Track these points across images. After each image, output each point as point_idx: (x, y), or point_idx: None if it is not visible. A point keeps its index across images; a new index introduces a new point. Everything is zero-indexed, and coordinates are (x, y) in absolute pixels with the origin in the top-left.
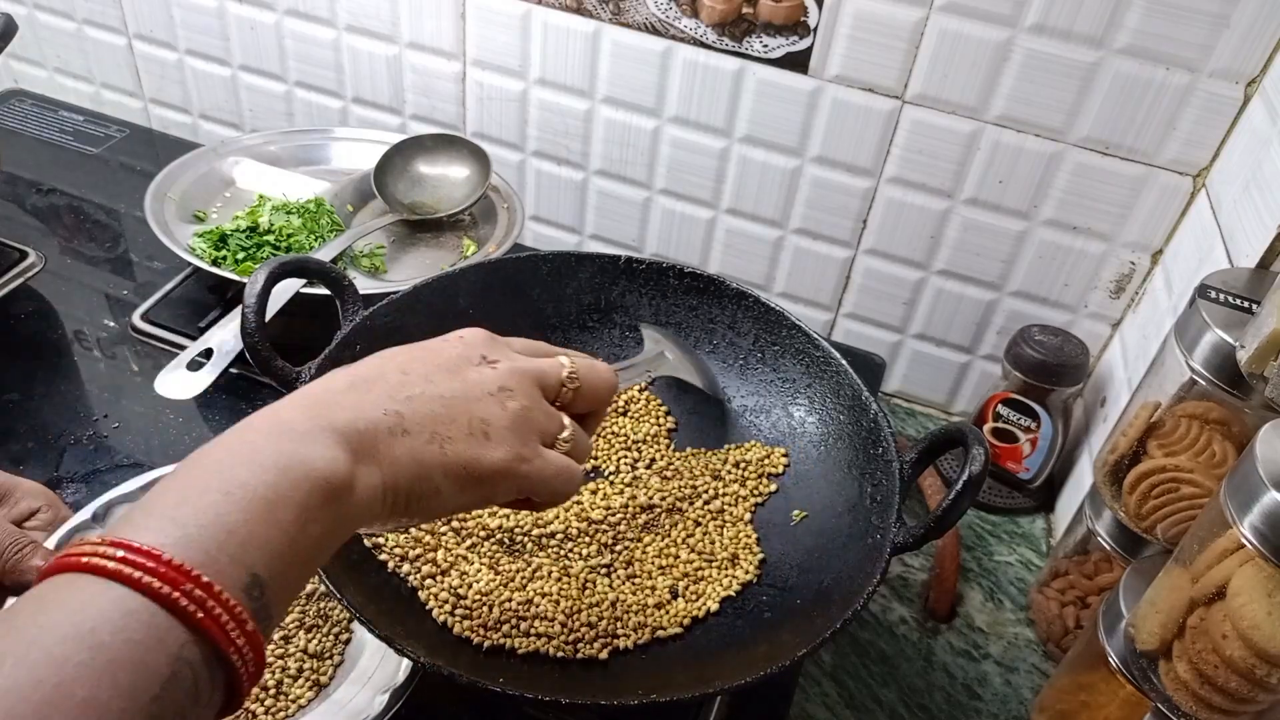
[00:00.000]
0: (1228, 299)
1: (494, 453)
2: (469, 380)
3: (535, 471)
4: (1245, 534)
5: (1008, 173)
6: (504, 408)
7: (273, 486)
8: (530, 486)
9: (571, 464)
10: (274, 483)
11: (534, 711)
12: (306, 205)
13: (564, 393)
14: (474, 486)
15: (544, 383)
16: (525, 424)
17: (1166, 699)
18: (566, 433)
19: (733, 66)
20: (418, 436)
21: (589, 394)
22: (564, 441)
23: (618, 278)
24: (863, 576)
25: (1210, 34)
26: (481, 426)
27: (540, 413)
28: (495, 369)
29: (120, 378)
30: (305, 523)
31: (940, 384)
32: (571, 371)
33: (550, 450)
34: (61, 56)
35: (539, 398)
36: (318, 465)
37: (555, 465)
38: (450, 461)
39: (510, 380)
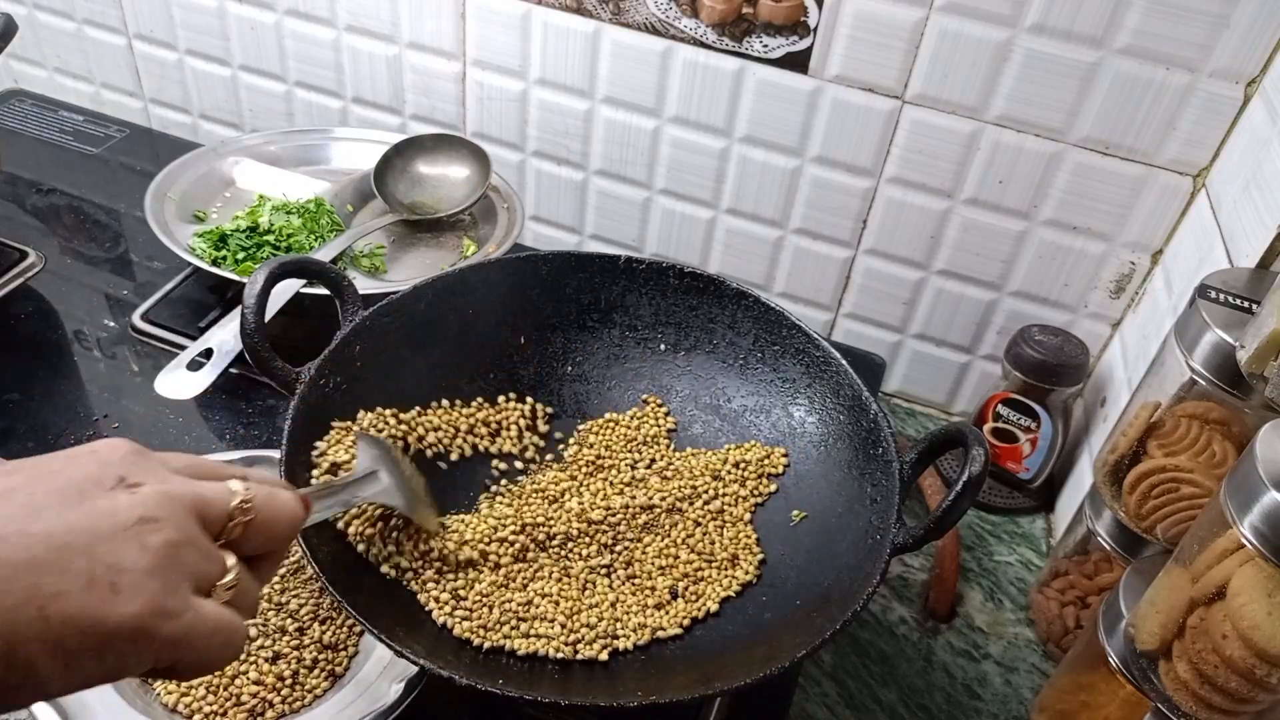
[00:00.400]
0: (1228, 299)
1: (125, 607)
2: (96, 510)
3: (181, 631)
4: (1245, 534)
5: (1008, 173)
6: (143, 546)
7: None
8: (178, 649)
9: (233, 619)
10: None
11: (534, 712)
12: (306, 205)
13: (231, 527)
14: (91, 657)
15: (204, 512)
16: (173, 566)
17: (1166, 699)
18: (230, 576)
19: (733, 66)
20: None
21: (264, 529)
22: (224, 589)
23: (618, 278)
24: (863, 577)
25: (1210, 34)
26: (109, 574)
27: (195, 551)
28: (136, 494)
29: (120, 378)
30: None
31: (940, 384)
32: (245, 500)
33: (205, 601)
34: (61, 56)
35: (195, 532)
36: None
37: (211, 621)
38: (55, 627)
39: (157, 508)
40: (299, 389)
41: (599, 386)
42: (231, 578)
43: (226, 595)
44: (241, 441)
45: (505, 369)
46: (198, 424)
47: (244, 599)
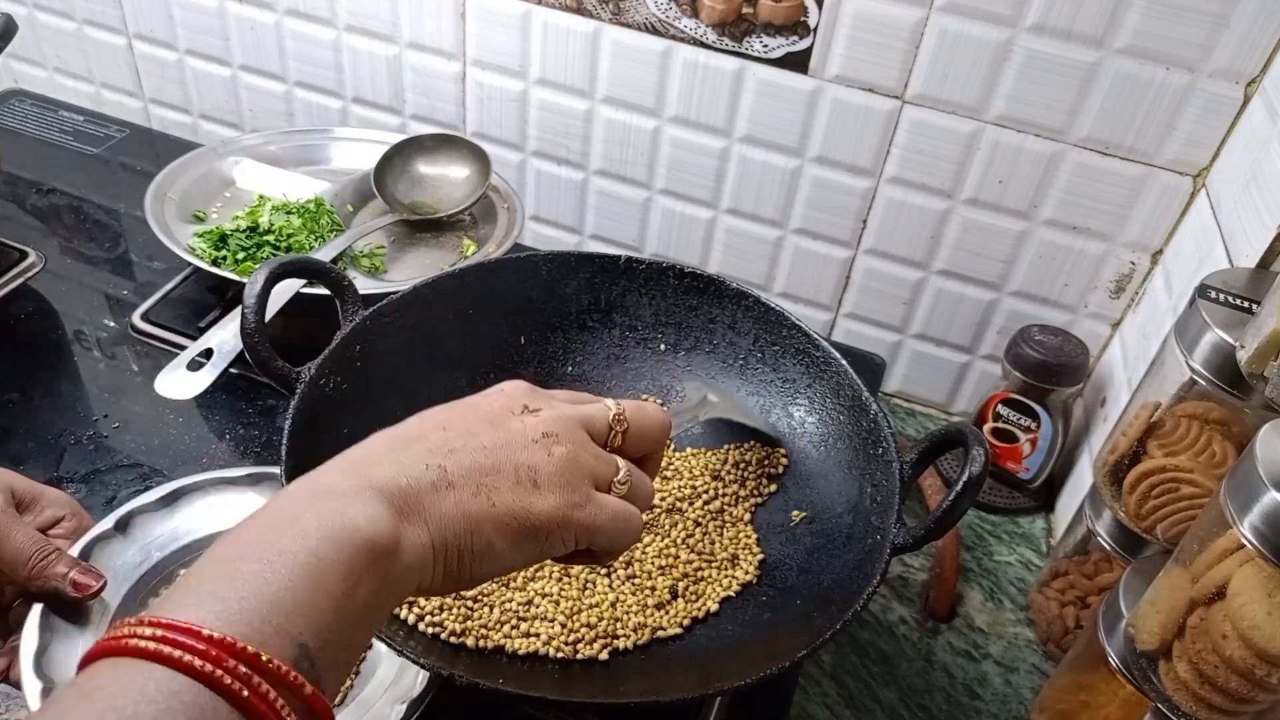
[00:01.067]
0: (1228, 299)
1: (544, 500)
2: (512, 430)
3: (589, 517)
4: (1245, 534)
5: (1008, 173)
6: (550, 454)
7: (314, 551)
8: (587, 533)
9: (629, 507)
10: (315, 547)
11: (534, 711)
12: (306, 205)
13: (613, 436)
14: (528, 538)
15: (591, 426)
16: (574, 469)
17: (1166, 699)
18: (621, 474)
19: (733, 66)
20: (463, 490)
21: (639, 435)
22: (620, 485)
23: (618, 278)
24: (863, 577)
25: (1210, 34)
26: (529, 474)
27: (590, 456)
28: (538, 416)
29: (120, 378)
30: (353, 587)
31: (940, 384)
32: (618, 413)
33: (606, 495)
34: (61, 56)
35: (587, 441)
36: (361, 525)
37: (610, 509)
38: (500, 513)
39: (555, 426)
40: (299, 389)
41: (599, 386)
42: (623, 474)
43: (622, 489)
44: (241, 441)
45: (505, 369)
46: (198, 424)
47: (637, 492)
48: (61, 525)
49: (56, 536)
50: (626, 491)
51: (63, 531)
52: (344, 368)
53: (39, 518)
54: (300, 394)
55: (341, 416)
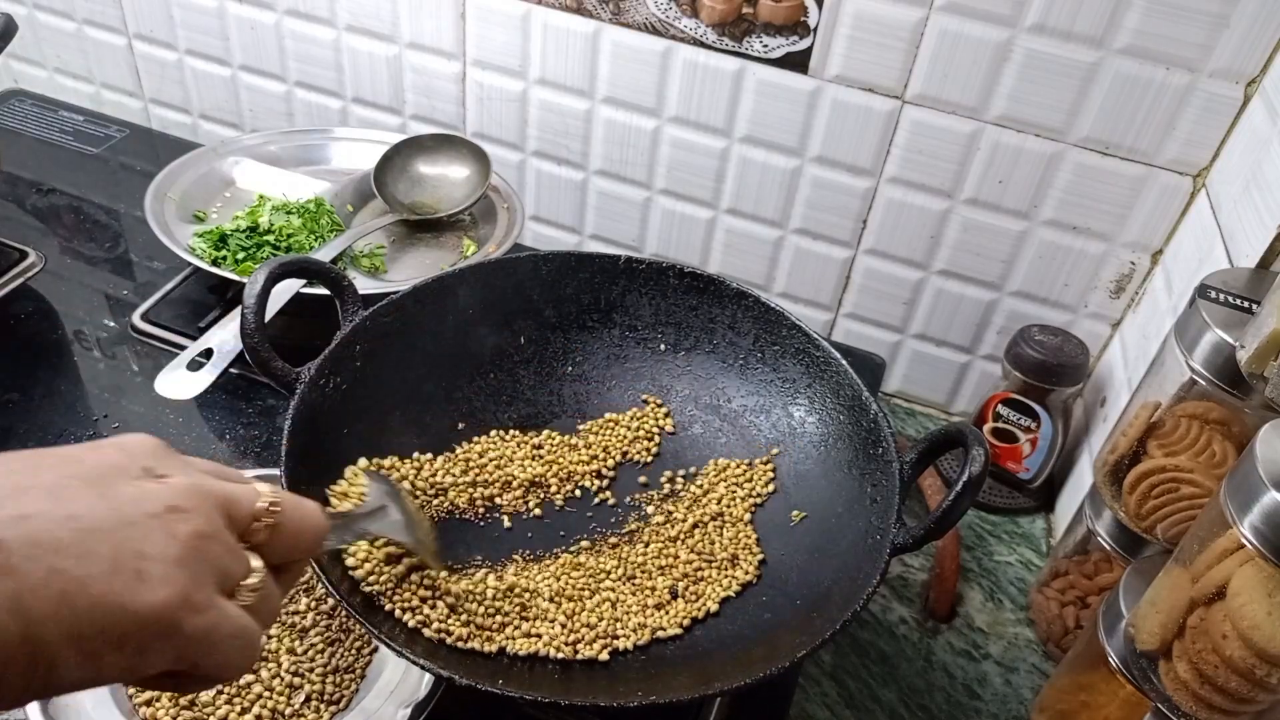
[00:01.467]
0: (1228, 299)
1: (150, 595)
2: (123, 497)
3: (207, 627)
4: (1245, 534)
5: (1008, 173)
6: (172, 534)
7: None
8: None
9: (252, 626)
10: None
11: (534, 712)
12: (306, 205)
13: (257, 529)
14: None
15: (231, 510)
16: (200, 559)
17: (1166, 699)
18: (254, 579)
19: (733, 66)
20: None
21: (290, 535)
22: (249, 591)
23: (618, 278)
24: (863, 577)
25: (1210, 34)
26: (135, 561)
27: (222, 546)
28: (164, 484)
29: (120, 378)
30: None
31: (940, 384)
32: (273, 502)
33: (229, 601)
34: (61, 56)
35: (222, 527)
36: None
37: (233, 624)
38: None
39: (186, 499)
40: (299, 389)
41: (599, 386)
42: (256, 580)
43: (250, 598)
44: (241, 441)
45: (505, 369)
46: (198, 424)
47: (265, 605)
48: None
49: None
50: (253, 601)
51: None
52: (344, 368)
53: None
54: (300, 394)
55: (341, 416)
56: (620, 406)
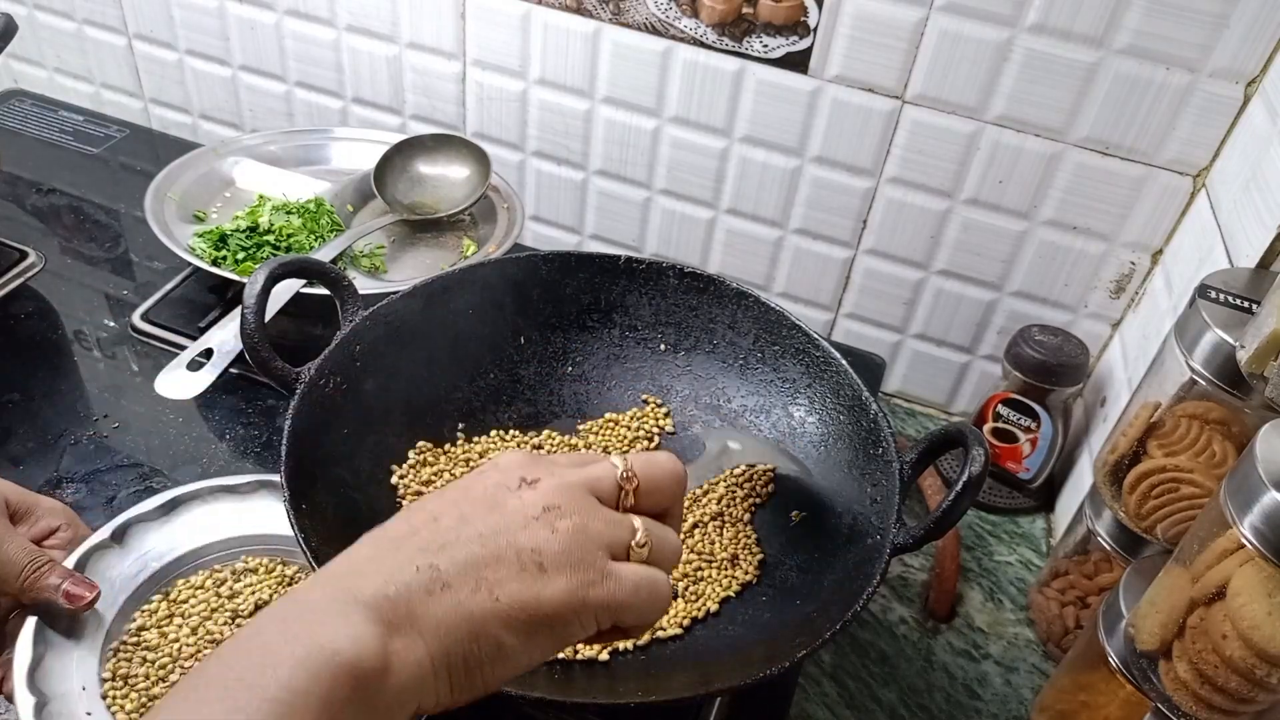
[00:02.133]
0: (1228, 299)
1: (554, 585)
2: (509, 509)
3: (608, 595)
4: (1245, 534)
5: (1008, 173)
6: (554, 529)
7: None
8: (609, 612)
9: (652, 573)
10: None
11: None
12: (306, 205)
13: (624, 495)
14: (542, 630)
15: (598, 489)
16: (584, 541)
17: (1166, 699)
18: (639, 535)
19: (733, 66)
20: (460, 588)
21: (652, 490)
22: (639, 548)
23: (618, 278)
24: (863, 577)
25: (1210, 34)
26: (533, 558)
27: (600, 523)
28: (537, 489)
29: (120, 378)
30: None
31: (940, 384)
32: (626, 470)
33: (624, 564)
34: (61, 56)
35: (595, 507)
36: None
37: (632, 579)
38: (505, 608)
39: (556, 497)
40: (299, 389)
41: (599, 386)
42: (642, 535)
43: (642, 553)
44: (241, 442)
45: (505, 369)
46: (198, 424)
47: (661, 551)
48: (57, 535)
49: (52, 547)
50: (647, 554)
51: (58, 542)
52: (344, 368)
53: (34, 528)
54: (300, 394)
55: (341, 416)
56: (620, 406)
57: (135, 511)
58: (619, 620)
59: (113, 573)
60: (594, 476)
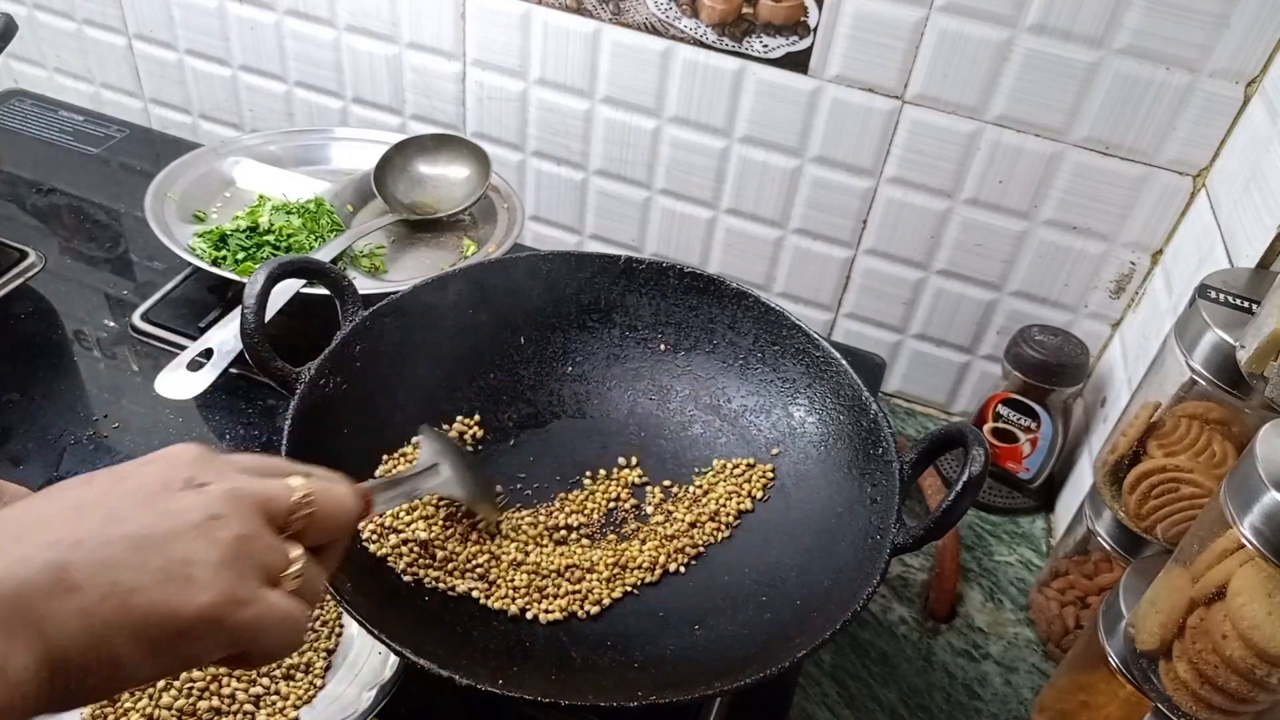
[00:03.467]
0: (1228, 299)
1: (199, 597)
2: (167, 511)
3: (253, 619)
4: (1245, 534)
5: (1008, 173)
6: (213, 540)
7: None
8: (246, 637)
9: (298, 609)
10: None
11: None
12: (306, 205)
13: (294, 521)
14: (169, 645)
15: (268, 508)
16: (242, 559)
17: (1166, 699)
18: (295, 567)
19: (733, 66)
20: (89, 592)
21: (325, 521)
22: (291, 579)
23: (618, 278)
24: (863, 577)
25: (1210, 34)
26: (182, 568)
27: (261, 544)
28: (203, 492)
29: (120, 378)
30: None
31: (940, 384)
32: (305, 494)
33: (273, 591)
34: (61, 56)
35: (260, 526)
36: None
37: (279, 609)
38: (137, 619)
39: (223, 505)
40: (299, 389)
41: (599, 386)
42: (297, 568)
43: (293, 584)
44: (241, 441)
45: (505, 369)
46: (198, 424)
47: (309, 588)
48: None
49: None
50: (297, 586)
51: None
52: (344, 368)
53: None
54: (300, 394)
55: (341, 416)
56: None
57: None
58: (250, 649)
59: None
60: (268, 494)
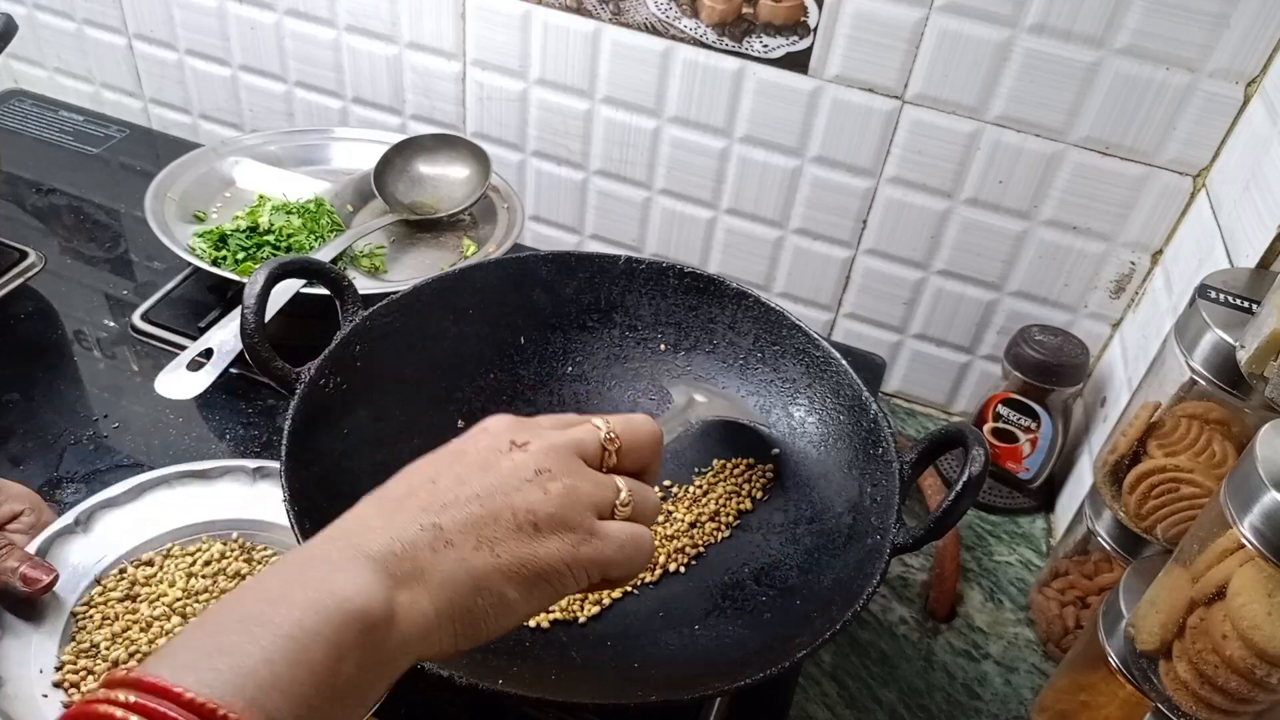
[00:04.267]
0: (1228, 299)
1: (548, 543)
2: (503, 471)
3: (597, 552)
4: (1245, 534)
5: (1008, 173)
6: (546, 491)
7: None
8: (598, 567)
9: (637, 530)
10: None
11: (533, 711)
12: (306, 205)
13: (607, 456)
14: (539, 584)
15: (583, 451)
16: (574, 502)
17: (1166, 699)
18: (623, 494)
19: (733, 66)
20: (463, 546)
21: (633, 449)
22: (623, 507)
23: (618, 278)
24: (863, 577)
25: (1210, 34)
26: (528, 518)
27: (588, 484)
28: (527, 451)
29: (120, 378)
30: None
31: (940, 384)
32: (609, 432)
33: (610, 521)
34: (61, 56)
35: (582, 469)
36: (351, 596)
37: (619, 537)
38: (505, 563)
39: (546, 460)
40: (299, 389)
41: (599, 386)
42: (625, 495)
43: (626, 511)
44: (241, 441)
45: (505, 369)
46: (198, 424)
47: (642, 508)
48: (20, 520)
49: (14, 531)
50: (630, 512)
51: (21, 527)
52: (344, 368)
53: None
54: (300, 394)
55: (341, 416)
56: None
57: (100, 497)
58: (607, 574)
59: (75, 558)
60: (579, 439)
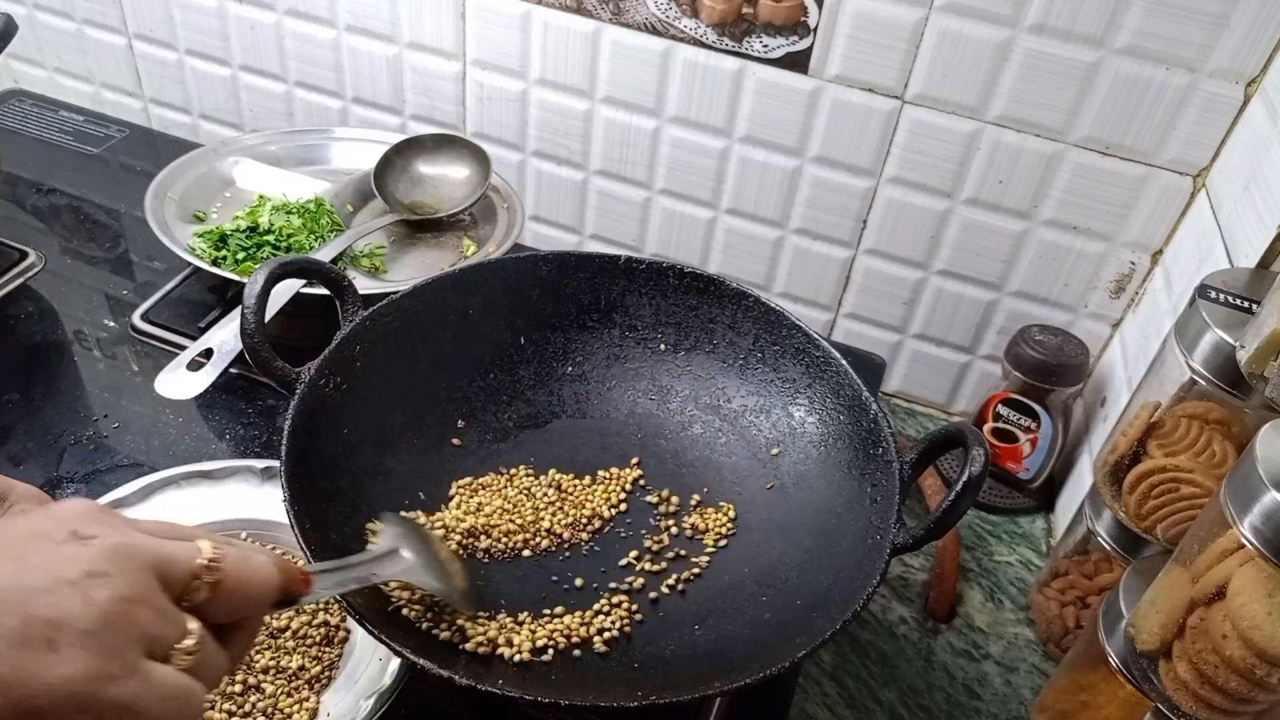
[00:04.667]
0: (1228, 299)
1: (62, 669)
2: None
3: (131, 696)
4: (1245, 534)
5: (1008, 173)
6: (88, 600)
7: None
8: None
9: (189, 687)
10: None
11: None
12: (306, 205)
13: (196, 587)
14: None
15: (165, 570)
16: (120, 625)
17: (1166, 699)
18: (190, 641)
19: (733, 66)
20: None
21: (236, 593)
22: (183, 654)
23: (618, 278)
24: (863, 577)
25: (1210, 34)
26: (45, 629)
27: (149, 610)
28: (87, 545)
29: (120, 378)
30: None
31: (940, 384)
32: (212, 559)
33: (159, 666)
34: (61, 56)
35: (152, 590)
36: None
37: (162, 688)
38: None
39: (107, 562)
40: (299, 389)
41: (599, 386)
42: (192, 643)
43: (186, 661)
44: (241, 441)
45: (505, 369)
46: (198, 424)
47: (206, 668)
48: None
49: None
50: (191, 664)
51: None
52: (344, 368)
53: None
54: (300, 394)
55: (341, 416)
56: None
57: (109, 498)
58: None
59: None
60: (166, 554)
